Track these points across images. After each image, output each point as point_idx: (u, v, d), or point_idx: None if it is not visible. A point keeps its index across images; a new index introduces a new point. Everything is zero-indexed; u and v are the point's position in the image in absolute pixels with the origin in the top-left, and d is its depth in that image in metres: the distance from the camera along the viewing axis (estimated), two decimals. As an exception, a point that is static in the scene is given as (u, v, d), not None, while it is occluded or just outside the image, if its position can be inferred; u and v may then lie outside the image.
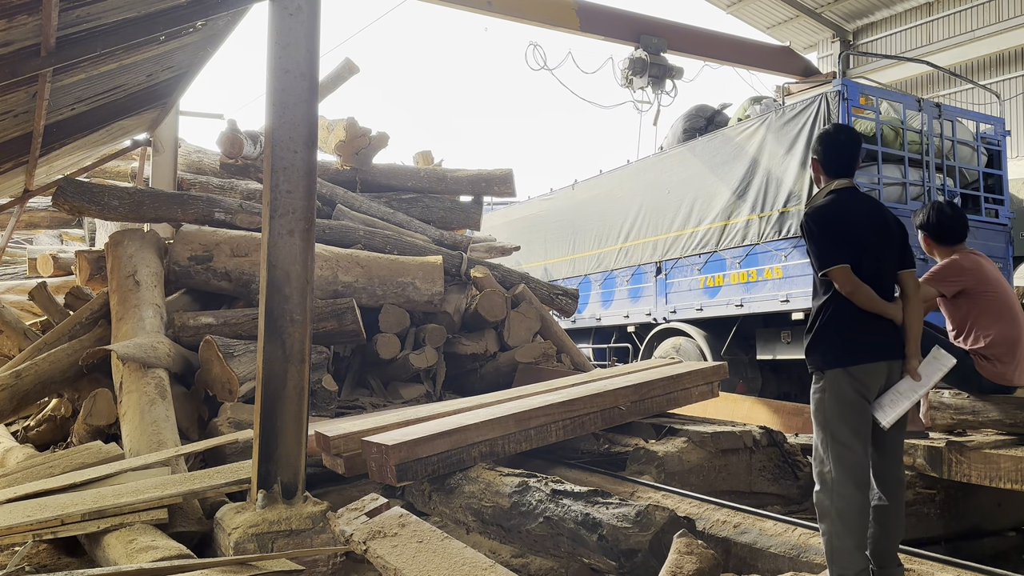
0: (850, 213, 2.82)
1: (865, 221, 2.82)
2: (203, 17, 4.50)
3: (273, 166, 3.24)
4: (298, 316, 3.23)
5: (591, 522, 3.22)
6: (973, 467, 3.37)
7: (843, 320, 2.76)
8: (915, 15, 14.01)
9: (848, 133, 3.00)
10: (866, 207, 2.88)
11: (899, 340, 2.79)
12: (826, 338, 2.79)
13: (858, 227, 2.80)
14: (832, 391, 2.74)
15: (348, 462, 4.04)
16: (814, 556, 3.05)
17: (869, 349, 2.73)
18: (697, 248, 8.45)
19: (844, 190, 2.87)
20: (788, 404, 7.36)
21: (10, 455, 4.73)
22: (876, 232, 2.82)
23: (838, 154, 2.90)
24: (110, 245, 5.83)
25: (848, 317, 2.75)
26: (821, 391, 2.78)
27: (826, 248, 2.76)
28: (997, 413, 3.50)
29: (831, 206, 2.84)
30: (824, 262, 2.76)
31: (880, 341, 2.75)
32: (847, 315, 2.75)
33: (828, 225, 2.80)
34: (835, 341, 2.75)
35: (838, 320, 2.77)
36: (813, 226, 2.82)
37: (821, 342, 2.81)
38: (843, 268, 2.71)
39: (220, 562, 2.75)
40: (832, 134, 2.97)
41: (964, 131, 7.96)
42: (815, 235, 2.81)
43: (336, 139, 7.55)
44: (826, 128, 3.05)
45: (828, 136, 2.96)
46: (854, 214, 2.83)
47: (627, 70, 11.50)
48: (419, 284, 6.18)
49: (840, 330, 2.76)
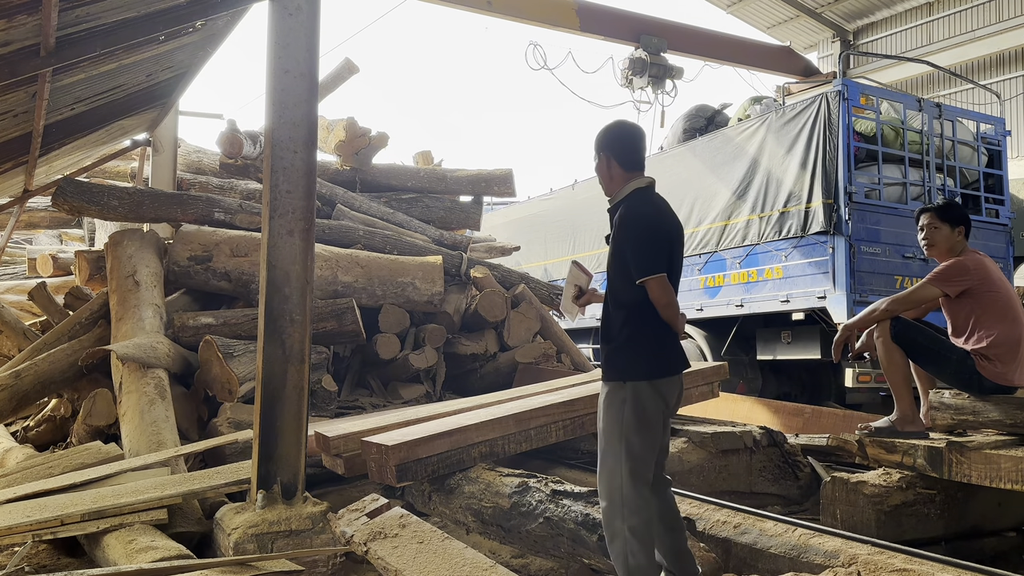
0: (665, 216, 2.76)
1: (671, 225, 2.78)
2: (203, 17, 4.50)
3: (273, 166, 3.23)
4: (298, 316, 3.23)
5: (591, 522, 3.22)
6: (973, 467, 3.37)
7: (649, 331, 2.67)
8: (915, 15, 14.00)
9: (635, 124, 2.89)
10: (669, 209, 2.82)
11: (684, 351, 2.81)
12: (632, 349, 2.66)
13: (672, 232, 2.75)
14: (634, 403, 2.62)
15: (348, 462, 4.04)
16: (814, 556, 3.05)
17: (669, 362, 2.68)
18: (697, 248, 8.44)
19: (651, 189, 2.78)
20: (788, 404, 7.36)
21: (10, 455, 4.72)
22: (679, 235, 2.79)
23: (634, 147, 2.80)
24: (110, 245, 5.82)
25: (653, 329, 2.67)
26: (621, 403, 2.63)
27: (648, 255, 2.63)
28: (997, 413, 3.49)
29: (652, 208, 2.73)
30: (644, 270, 2.62)
31: (679, 353, 2.73)
32: (652, 326, 2.67)
33: (652, 230, 2.68)
34: (641, 352, 2.64)
35: (644, 331, 2.67)
36: (638, 231, 2.67)
37: (626, 352, 2.68)
38: (661, 278, 2.62)
39: (220, 562, 2.75)
40: (621, 126, 2.86)
41: (964, 131, 7.96)
42: (639, 240, 2.66)
43: (336, 139, 7.55)
44: (610, 124, 2.88)
45: (619, 129, 2.84)
46: (665, 216, 2.76)
47: (627, 70, 11.49)
48: (419, 284, 6.17)
49: (646, 342, 2.66)
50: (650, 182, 2.79)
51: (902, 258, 7.14)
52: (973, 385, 3.63)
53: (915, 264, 7.10)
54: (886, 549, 2.98)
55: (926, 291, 3.78)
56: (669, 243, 2.71)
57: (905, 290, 3.97)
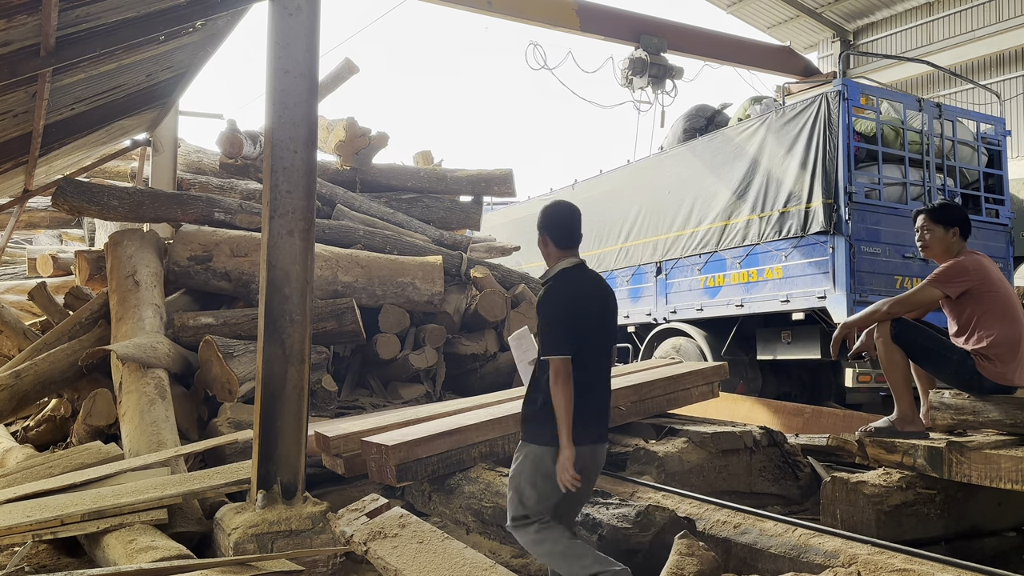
0: (583, 296, 2.90)
1: (593, 302, 2.92)
2: (203, 17, 4.50)
3: (273, 166, 3.24)
4: (298, 316, 3.23)
5: (591, 522, 3.22)
6: (973, 467, 3.36)
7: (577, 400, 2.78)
8: (915, 15, 14.00)
9: (570, 206, 3.06)
10: (594, 285, 2.98)
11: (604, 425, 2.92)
12: (544, 417, 2.79)
13: (589, 310, 2.88)
14: (533, 463, 2.81)
15: (348, 462, 4.04)
16: (814, 556, 3.05)
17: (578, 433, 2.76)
18: (697, 248, 8.44)
19: (576, 268, 2.94)
20: (788, 404, 7.36)
21: (10, 455, 4.73)
22: (601, 312, 2.93)
23: (566, 226, 2.97)
24: (110, 245, 5.82)
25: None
26: (524, 458, 2.85)
27: (553, 335, 2.80)
28: (997, 413, 3.49)
29: (568, 288, 2.89)
30: (548, 348, 2.79)
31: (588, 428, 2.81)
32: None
33: (561, 311, 2.83)
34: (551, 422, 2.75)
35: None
36: (548, 308, 2.86)
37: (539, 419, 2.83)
38: (564, 360, 2.75)
39: (220, 562, 2.75)
40: (556, 207, 3.04)
41: (964, 131, 7.96)
42: (548, 321, 2.84)
43: (336, 139, 7.55)
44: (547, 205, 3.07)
45: (553, 210, 3.03)
46: (586, 296, 2.91)
47: (627, 70, 11.49)
48: (419, 284, 6.17)
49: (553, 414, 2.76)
50: (578, 262, 2.96)
51: (902, 258, 7.13)
52: (973, 385, 3.63)
53: (915, 264, 7.10)
54: (886, 549, 2.98)
55: (926, 293, 3.78)
56: (584, 323, 2.85)
57: (905, 292, 3.97)
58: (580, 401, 2.76)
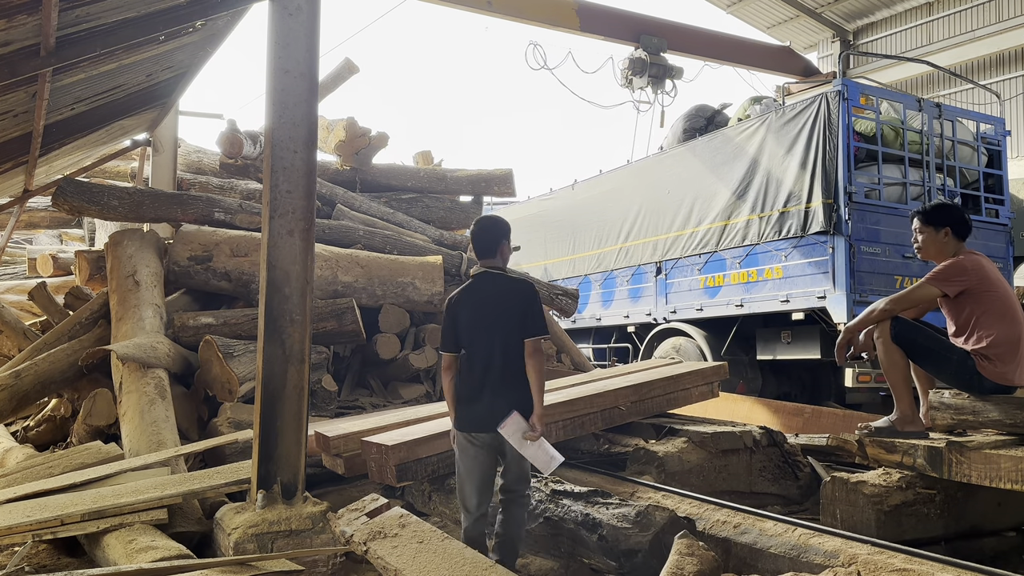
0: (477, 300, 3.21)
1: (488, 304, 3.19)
2: (203, 17, 4.50)
3: (273, 166, 3.24)
4: (298, 316, 3.23)
5: (591, 522, 3.22)
6: (973, 467, 3.36)
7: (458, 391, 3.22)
8: (915, 15, 14.01)
9: (491, 220, 3.43)
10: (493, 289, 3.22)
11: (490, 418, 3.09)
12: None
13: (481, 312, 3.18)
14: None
15: (348, 462, 4.04)
16: (814, 556, 3.05)
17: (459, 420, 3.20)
18: (697, 248, 8.45)
19: (480, 275, 3.28)
20: (788, 404, 7.36)
21: (10, 455, 4.72)
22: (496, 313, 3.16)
23: (480, 239, 3.31)
24: (110, 245, 5.82)
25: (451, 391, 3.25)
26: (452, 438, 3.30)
27: (446, 333, 3.27)
28: (997, 413, 3.49)
29: (462, 294, 3.27)
30: (442, 345, 3.31)
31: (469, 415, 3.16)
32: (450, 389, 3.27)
33: (450, 311, 3.25)
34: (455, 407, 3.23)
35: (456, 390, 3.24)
36: (445, 309, 3.30)
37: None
38: (449, 356, 3.24)
39: (220, 562, 2.75)
40: (478, 224, 3.41)
41: (964, 131, 7.96)
42: (444, 319, 3.28)
43: (336, 139, 7.55)
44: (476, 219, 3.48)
45: (475, 226, 3.40)
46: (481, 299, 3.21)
47: (627, 70, 11.49)
48: (419, 284, 6.18)
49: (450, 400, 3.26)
50: (481, 271, 3.30)
51: (902, 258, 7.14)
52: (973, 385, 3.63)
53: (915, 264, 7.10)
54: (886, 549, 2.98)
55: (924, 291, 3.78)
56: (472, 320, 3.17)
57: (903, 290, 3.97)
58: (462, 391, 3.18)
